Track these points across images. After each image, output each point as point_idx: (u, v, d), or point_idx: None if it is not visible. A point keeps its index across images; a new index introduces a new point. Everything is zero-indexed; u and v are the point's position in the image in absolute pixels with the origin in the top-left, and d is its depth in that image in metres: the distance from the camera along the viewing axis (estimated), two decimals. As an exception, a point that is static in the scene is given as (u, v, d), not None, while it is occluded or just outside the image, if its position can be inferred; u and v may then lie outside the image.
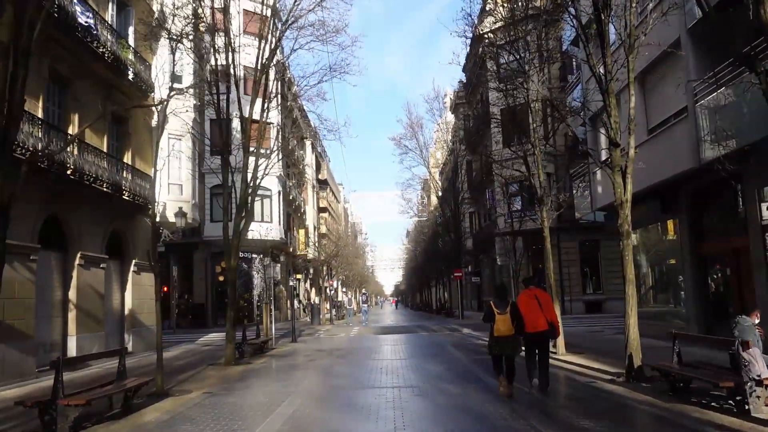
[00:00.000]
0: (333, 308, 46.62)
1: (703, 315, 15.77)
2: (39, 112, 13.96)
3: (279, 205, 38.59)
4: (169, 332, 33.25)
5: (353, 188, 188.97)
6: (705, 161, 13.12)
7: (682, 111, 14.60)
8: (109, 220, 17.22)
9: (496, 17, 17.58)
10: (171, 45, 13.08)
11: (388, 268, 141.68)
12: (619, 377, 10.57)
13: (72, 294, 15.33)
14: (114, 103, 17.91)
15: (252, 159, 15.96)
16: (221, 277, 37.51)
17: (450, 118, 47.02)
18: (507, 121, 17.51)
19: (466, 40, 15.92)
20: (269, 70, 15.99)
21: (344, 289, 69.17)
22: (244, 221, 15.71)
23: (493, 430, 7.20)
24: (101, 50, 15.98)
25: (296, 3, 15.95)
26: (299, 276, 48.76)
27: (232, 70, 15.52)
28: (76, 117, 15.87)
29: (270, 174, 37.51)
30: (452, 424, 7.56)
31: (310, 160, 56.89)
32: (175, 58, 18.56)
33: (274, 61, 16.01)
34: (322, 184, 68.35)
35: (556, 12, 16.13)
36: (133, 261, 18.75)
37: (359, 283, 76.39)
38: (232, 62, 15.48)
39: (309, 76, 19.43)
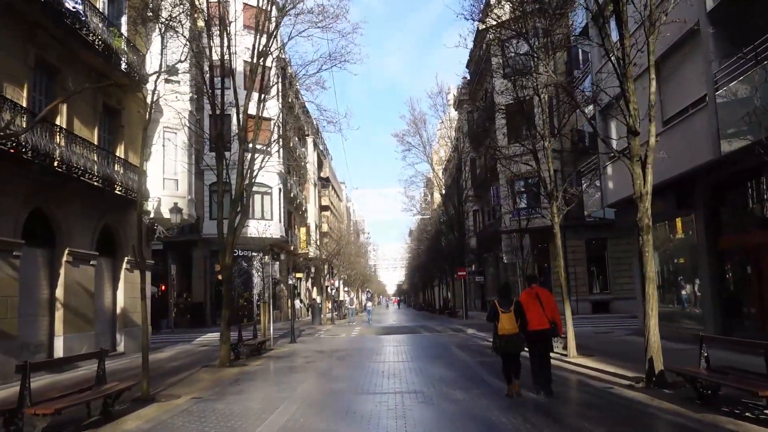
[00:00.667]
0: (334, 308, 45.93)
1: (721, 315, 15.03)
2: (23, 101, 13.29)
3: (280, 203, 37.92)
4: (167, 332, 32.72)
5: (355, 185, 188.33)
6: (726, 153, 12.38)
7: (700, 100, 13.90)
8: (99, 215, 16.53)
9: (503, 9, 16.85)
10: (160, 27, 12.34)
11: (391, 267, 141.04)
12: (638, 383, 9.84)
13: (59, 292, 14.65)
14: (105, 94, 17.25)
15: (247, 152, 15.24)
16: (220, 276, 36.93)
17: (453, 114, 46.28)
18: (515, 111, 16.72)
19: (474, 23, 15.09)
20: (266, 59, 15.27)
21: (346, 289, 68.52)
22: (239, 217, 14.99)
23: (506, 444, 6.49)
24: (91, 38, 15.29)
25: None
26: (300, 275, 48.11)
27: (227, 57, 14.79)
28: (64, 107, 15.18)
29: (270, 171, 37.12)
30: (460, 436, 6.85)
31: (311, 157, 56.20)
32: (169, 46, 18.00)
33: (272, 49, 15.27)
34: (324, 182, 67.66)
35: (565, 6, 15.45)
36: (126, 258, 18.07)
37: (361, 283, 75.68)
38: (228, 48, 14.77)
39: (308, 64, 18.80)
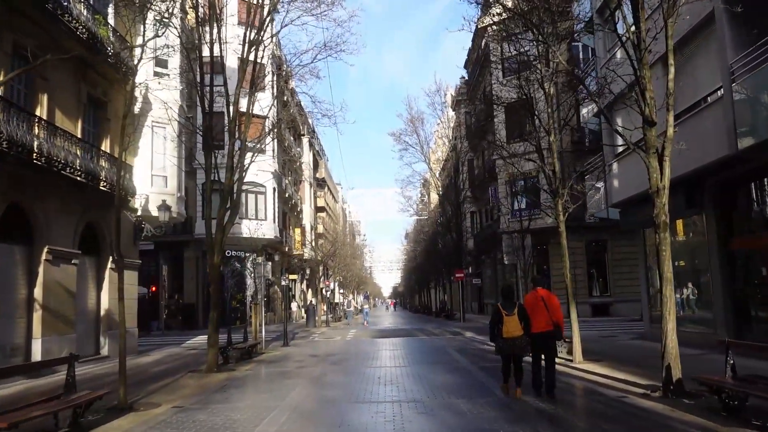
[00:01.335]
0: (330, 310, 45.14)
1: (732, 319, 14.34)
2: (-1, 90, 12.53)
3: (274, 202, 37.15)
4: (158, 333, 31.92)
5: (351, 186, 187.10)
6: (743, 148, 11.70)
7: (709, 95, 13.26)
8: (82, 212, 15.75)
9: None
10: (146, 14, 11.61)
11: (387, 269, 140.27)
12: (654, 391, 9.13)
13: (38, 292, 13.85)
14: (89, 85, 16.50)
15: (237, 146, 14.51)
16: (213, 277, 36.18)
17: (452, 114, 45.59)
18: (519, 107, 16.02)
19: (478, 4, 14.37)
20: (258, 48, 14.54)
21: (342, 291, 67.72)
22: (229, 214, 14.25)
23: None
24: (74, 25, 14.53)
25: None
26: (294, 276, 47.32)
27: (217, 45, 14.06)
28: (45, 97, 14.43)
29: (264, 170, 36.40)
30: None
31: (307, 157, 55.47)
32: (158, 36, 17.25)
33: (264, 38, 14.54)
34: (320, 183, 66.90)
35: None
36: (111, 257, 17.28)
37: (357, 285, 74.93)
38: (218, 35, 14.05)
39: (302, 53, 18.07)
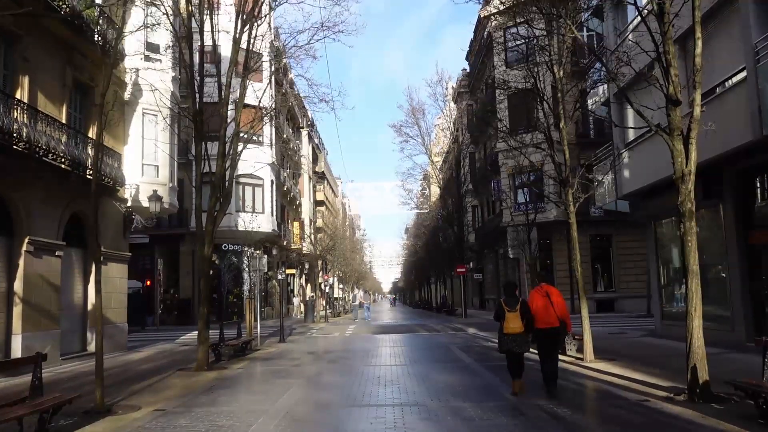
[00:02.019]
0: (329, 305, 44.44)
1: (752, 316, 13.58)
2: (-25, 70, 11.77)
3: (272, 195, 36.37)
4: (153, 329, 31.22)
5: (350, 179, 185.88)
6: (769, 132, 10.92)
7: (734, 77, 12.47)
8: (67, 202, 14.96)
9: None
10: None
11: (386, 264, 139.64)
12: (678, 395, 8.37)
13: (18, 285, 13.08)
14: (75, 69, 15.71)
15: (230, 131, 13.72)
16: (210, 271, 35.42)
17: (453, 106, 44.76)
18: (525, 93, 15.20)
19: None
20: (252, 27, 13.72)
21: (341, 286, 67.03)
22: (220, 203, 13.48)
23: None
24: (57, 2, 13.72)
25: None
26: (292, 271, 46.58)
27: (209, 22, 13.26)
28: (26, 80, 13.64)
29: (262, 162, 35.60)
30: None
31: (306, 150, 54.67)
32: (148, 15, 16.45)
33: (258, 15, 13.75)
34: (320, 177, 66.11)
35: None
36: (99, 249, 16.49)
37: (357, 280, 74.24)
38: (209, 14, 13.25)
39: (298, 33, 17.40)
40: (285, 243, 42.36)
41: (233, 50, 13.52)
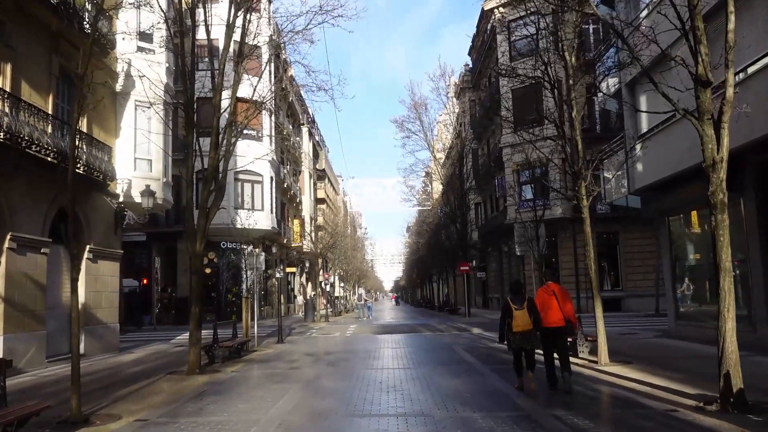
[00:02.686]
0: (330, 303, 43.72)
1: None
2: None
3: (271, 192, 35.66)
4: (150, 328, 30.57)
5: (352, 175, 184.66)
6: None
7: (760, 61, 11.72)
8: (53, 197, 14.24)
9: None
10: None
11: (388, 263, 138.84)
12: (709, 404, 7.62)
13: (-1, 284, 12.41)
14: (62, 57, 15.00)
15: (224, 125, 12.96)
16: (208, 270, 34.73)
17: (455, 102, 43.98)
18: (530, 86, 14.42)
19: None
20: (248, 12, 13.00)
21: (342, 284, 66.31)
22: (213, 197, 12.76)
23: None
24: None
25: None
26: (292, 269, 45.87)
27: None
28: (8, 67, 12.94)
29: (261, 158, 34.87)
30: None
31: (307, 147, 53.96)
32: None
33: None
34: (320, 174, 65.39)
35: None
36: (88, 246, 15.80)
37: (358, 278, 73.49)
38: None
39: (295, 17, 16.42)
40: (285, 241, 41.65)
41: (226, 35, 12.77)
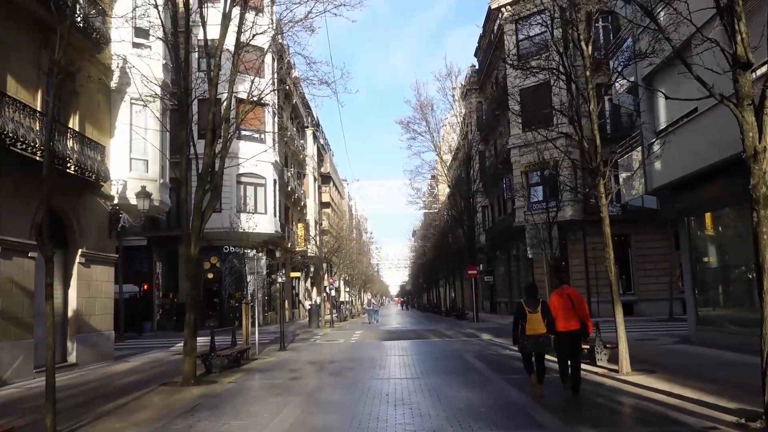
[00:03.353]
0: (335, 308, 42.99)
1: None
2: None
3: (275, 195, 34.99)
4: (150, 334, 29.90)
5: (356, 177, 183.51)
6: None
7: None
8: (41, 198, 13.55)
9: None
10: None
11: (394, 267, 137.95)
12: (752, 420, 6.83)
13: (-17, 290, 11.74)
14: (52, 52, 14.29)
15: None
16: (210, 274, 34.09)
17: (462, 103, 43.25)
18: (547, 73, 13.64)
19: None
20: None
21: (348, 289, 65.55)
22: (209, 196, 12.05)
23: None
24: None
25: None
26: (297, 274, 45.19)
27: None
28: (-7, 62, 12.31)
29: (264, 160, 34.20)
30: None
31: (311, 150, 53.32)
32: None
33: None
34: (325, 178, 64.77)
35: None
36: (80, 250, 15.12)
37: (363, 283, 72.72)
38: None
39: (295, 6, 15.59)
40: (289, 245, 40.98)
41: (222, 25, 12.07)
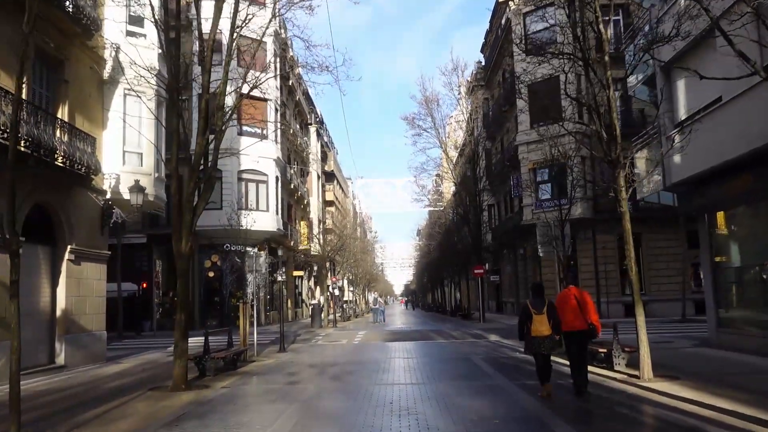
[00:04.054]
0: (338, 307, 42.23)
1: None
2: None
3: (277, 193, 34.27)
4: (149, 334, 29.26)
5: (360, 174, 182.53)
6: None
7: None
8: (28, 191, 12.85)
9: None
10: None
11: (398, 266, 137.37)
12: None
13: (-39, 289, 11.03)
14: (40, 38, 13.59)
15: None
16: (211, 273, 33.43)
17: (468, 99, 42.45)
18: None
19: None
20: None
21: (352, 288, 64.85)
22: (201, 188, 11.31)
23: None
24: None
25: None
26: (300, 273, 44.47)
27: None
28: (-28, 47, 11.60)
29: (266, 157, 33.50)
30: None
31: (315, 148, 52.61)
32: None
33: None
34: (329, 177, 64.06)
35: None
36: (69, 247, 14.41)
37: (368, 282, 72.00)
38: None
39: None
40: (292, 243, 40.27)
41: (216, 7, 11.28)
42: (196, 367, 12.59)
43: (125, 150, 16.58)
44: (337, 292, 44.52)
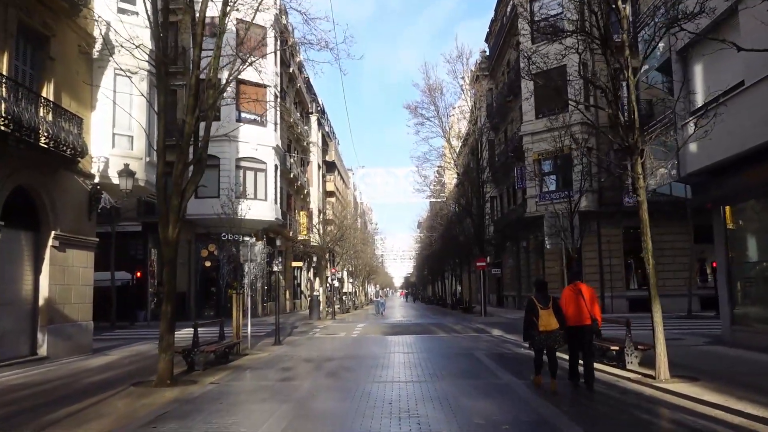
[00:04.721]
0: (337, 299, 41.62)
1: None
2: None
3: (275, 182, 33.51)
4: (143, 324, 28.67)
5: (362, 164, 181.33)
6: None
7: None
8: (8, 173, 12.16)
9: None
10: None
11: (399, 258, 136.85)
12: None
13: (-67, 275, 10.35)
14: (23, 12, 12.86)
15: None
16: (207, 263, 32.74)
17: (471, 88, 41.64)
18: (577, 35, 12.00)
19: None
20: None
21: (351, 280, 64.22)
22: (191, 171, 10.60)
23: None
24: None
25: None
26: (299, 263, 43.82)
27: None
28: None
29: (264, 144, 32.73)
30: None
31: (316, 138, 51.80)
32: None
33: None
34: (330, 167, 63.26)
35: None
36: (53, 233, 13.70)
37: (368, 274, 71.35)
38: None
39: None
40: (291, 233, 39.59)
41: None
42: (185, 361, 11.93)
43: (115, 132, 15.84)
44: (336, 284, 43.90)
